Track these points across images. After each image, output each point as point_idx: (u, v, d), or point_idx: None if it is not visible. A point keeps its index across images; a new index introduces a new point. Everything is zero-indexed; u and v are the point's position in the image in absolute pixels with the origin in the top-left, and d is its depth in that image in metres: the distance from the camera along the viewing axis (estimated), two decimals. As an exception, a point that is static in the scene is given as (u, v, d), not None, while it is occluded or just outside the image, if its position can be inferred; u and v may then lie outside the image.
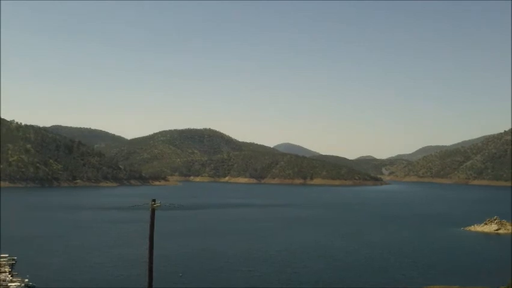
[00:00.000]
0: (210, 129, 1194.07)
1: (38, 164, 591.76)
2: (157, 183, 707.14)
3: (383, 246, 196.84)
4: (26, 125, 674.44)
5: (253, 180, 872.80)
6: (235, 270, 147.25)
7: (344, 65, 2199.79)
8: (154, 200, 37.26)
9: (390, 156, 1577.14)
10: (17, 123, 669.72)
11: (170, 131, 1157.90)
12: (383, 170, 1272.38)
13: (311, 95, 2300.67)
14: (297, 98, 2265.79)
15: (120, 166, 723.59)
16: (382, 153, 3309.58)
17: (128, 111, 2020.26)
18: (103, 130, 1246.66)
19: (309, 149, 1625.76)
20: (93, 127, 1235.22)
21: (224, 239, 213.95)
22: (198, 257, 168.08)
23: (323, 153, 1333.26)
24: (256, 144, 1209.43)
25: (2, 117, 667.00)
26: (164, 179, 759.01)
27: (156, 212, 37.24)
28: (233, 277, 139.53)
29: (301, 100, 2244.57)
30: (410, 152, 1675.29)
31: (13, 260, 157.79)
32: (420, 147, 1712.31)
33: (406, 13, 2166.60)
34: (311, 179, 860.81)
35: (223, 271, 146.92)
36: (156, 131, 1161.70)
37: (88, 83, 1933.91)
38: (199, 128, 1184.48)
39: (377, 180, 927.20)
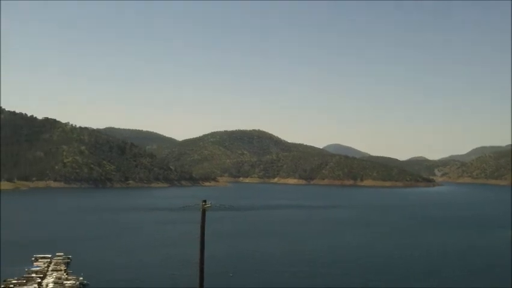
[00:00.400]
0: (259, 130, 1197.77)
1: (92, 165, 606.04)
2: (207, 184, 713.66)
3: (432, 250, 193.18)
4: (80, 127, 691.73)
5: (303, 181, 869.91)
6: (284, 271, 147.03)
7: (395, 67, 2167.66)
8: (204, 201, 37.40)
9: (442, 157, 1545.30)
10: (71, 125, 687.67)
11: (220, 132, 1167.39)
12: (436, 171, 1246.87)
13: (361, 96, 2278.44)
14: (347, 98, 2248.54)
15: (171, 167, 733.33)
16: (434, 154, 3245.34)
17: (179, 113, 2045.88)
18: (155, 132, 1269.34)
19: (359, 149, 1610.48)
20: (145, 129, 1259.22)
21: (273, 240, 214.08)
22: (247, 258, 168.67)
23: (373, 154, 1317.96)
24: (305, 145, 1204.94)
25: (58, 119, 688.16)
26: (214, 180, 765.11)
27: (206, 213, 37.39)
28: (281, 278, 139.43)
29: (350, 101, 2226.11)
30: (464, 153, 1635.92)
31: (68, 258, 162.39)
32: (474, 147, 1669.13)
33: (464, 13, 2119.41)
34: (361, 180, 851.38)
35: (272, 272, 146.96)
36: (206, 132, 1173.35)
37: (140, 85, 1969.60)
38: (248, 129, 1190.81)
39: (429, 182, 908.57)
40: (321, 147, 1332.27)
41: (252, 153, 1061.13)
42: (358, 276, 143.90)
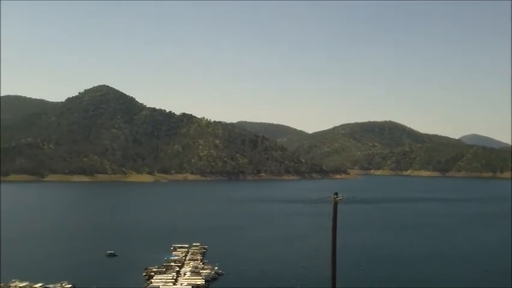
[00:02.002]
0: (390, 122, 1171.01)
1: (225, 158, 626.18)
2: (337, 176, 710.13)
3: None
4: (214, 122, 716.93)
5: (437, 174, 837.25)
6: (419, 267, 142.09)
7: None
8: (336, 194, 36.77)
9: None
10: (207, 120, 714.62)
11: (350, 124, 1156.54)
12: None
13: (498, 82, 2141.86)
14: (483, 86, 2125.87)
15: (302, 160, 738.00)
16: None
17: (309, 106, 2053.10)
18: (285, 125, 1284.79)
19: (499, 140, 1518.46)
20: (275, 122, 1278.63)
21: (406, 233, 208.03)
22: (380, 251, 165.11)
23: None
24: (440, 136, 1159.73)
25: (194, 114, 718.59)
26: (345, 172, 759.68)
27: (338, 206, 36.73)
28: (416, 273, 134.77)
29: (486, 88, 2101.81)
30: None
31: (204, 248, 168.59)
32: None
33: None
34: (501, 172, 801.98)
35: (405, 266, 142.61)
36: (337, 124, 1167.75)
37: (271, 80, 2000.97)
38: (379, 120, 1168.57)
39: None
40: (456, 138, 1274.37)
41: (384, 145, 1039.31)
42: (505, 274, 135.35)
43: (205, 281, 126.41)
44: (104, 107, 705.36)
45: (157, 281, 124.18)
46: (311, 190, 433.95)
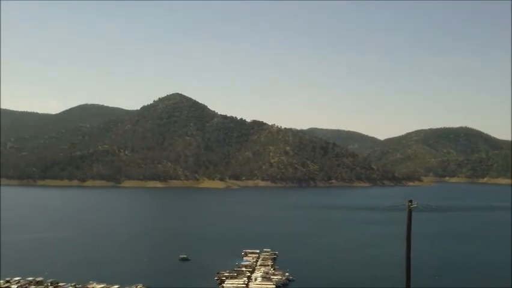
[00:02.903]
0: (466, 128, 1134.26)
1: (296, 165, 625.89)
2: (410, 183, 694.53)
3: None
4: (285, 128, 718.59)
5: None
6: (495, 276, 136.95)
7: None
8: (410, 201, 36.22)
9: None
10: (277, 127, 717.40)
11: (423, 130, 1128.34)
12: None
13: None
14: None
15: (373, 166, 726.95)
16: None
17: (381, 112, 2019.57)
18: (356, 131, 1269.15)
19: None
20: (346, 128, 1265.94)
21: (483, 243, 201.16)
22: (454, 260, 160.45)
23: None
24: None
25: (264, 121, 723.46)
26: (418, 179, 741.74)
27: (412, 213, 36.21)
28: (493, 282, 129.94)
29: None
30: None
31: (275, 254, 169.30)
32: None
33: None
34: None
35: (481, 276, 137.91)
36: (410, 130, 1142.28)
37: (341, 86, 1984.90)
38: (454, 126, 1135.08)
39: None
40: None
41: (459, 152, 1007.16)
42: None
43: (276, 287, 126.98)
44: (178, 114, 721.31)
45: (228, 285, 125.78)
46: (383, 197, 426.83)
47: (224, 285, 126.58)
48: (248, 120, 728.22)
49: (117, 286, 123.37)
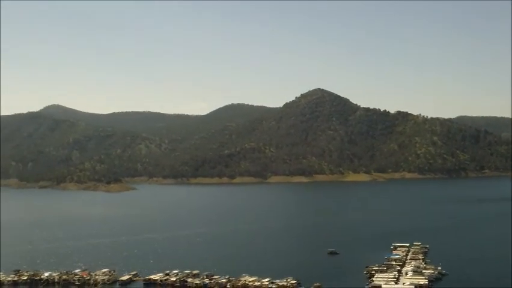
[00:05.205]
0: None
1: (445, 155, 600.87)
2: None
3: None
4: (431, 118, 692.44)
5: None
6: None
7: None
8: None
9: None
10: (423, 116, 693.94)
11: None
12: None
13: None
14: None
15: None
16: None
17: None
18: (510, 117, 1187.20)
19: None
20: (499, 115, 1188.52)
21: None
22: None
23: None
24: None
25: (410, 112, 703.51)
26: None
27: None
28: None
29: None
30: None
31: (426, 248, 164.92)
32: None
33: None
34: None
35: None
36: None
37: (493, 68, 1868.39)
38: None
39: None
40: None
41: None
42: None
43: (429, 281, 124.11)
44: (320, 109, 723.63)
45: (378, 279, 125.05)
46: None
47: (374, 279, 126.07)
48: (392, 111, 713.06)
49: (268, 279, 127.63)
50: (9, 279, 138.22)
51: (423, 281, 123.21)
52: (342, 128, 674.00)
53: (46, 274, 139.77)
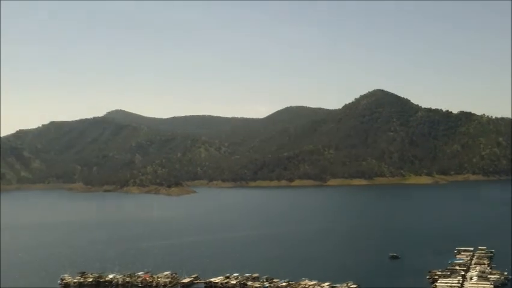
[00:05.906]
0: None
1: (510, 156, 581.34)
2: None
3: None
4: (496, 118, 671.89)
5: None
6: None
7: None
8: None
9: None
10: (487, 117, 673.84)
11: None
12: None
13: None
14: None
15: None
16: None
17: None
18: None
19: None
20: None
21: None
22: None
23: None
24: None
25: (473, 112, 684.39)
26: None
27: None
28: None
29: None
30: None
31: (491, 252, 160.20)
32: None
33: None
34: None
35: None
36: None
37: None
38: None
39: None
40: None
41: None
42: None
43: (494, 287, 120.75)
44: (380, 110, 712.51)
45: (441, 284, 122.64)
46: None
47: (437, 284, 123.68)
48: (454, 111, 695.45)
49: (328, 283, 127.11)
50: (75, 281, 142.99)
51: (488, 287, 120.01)
52: (402, 129, 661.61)
53: (110, 276, 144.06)
